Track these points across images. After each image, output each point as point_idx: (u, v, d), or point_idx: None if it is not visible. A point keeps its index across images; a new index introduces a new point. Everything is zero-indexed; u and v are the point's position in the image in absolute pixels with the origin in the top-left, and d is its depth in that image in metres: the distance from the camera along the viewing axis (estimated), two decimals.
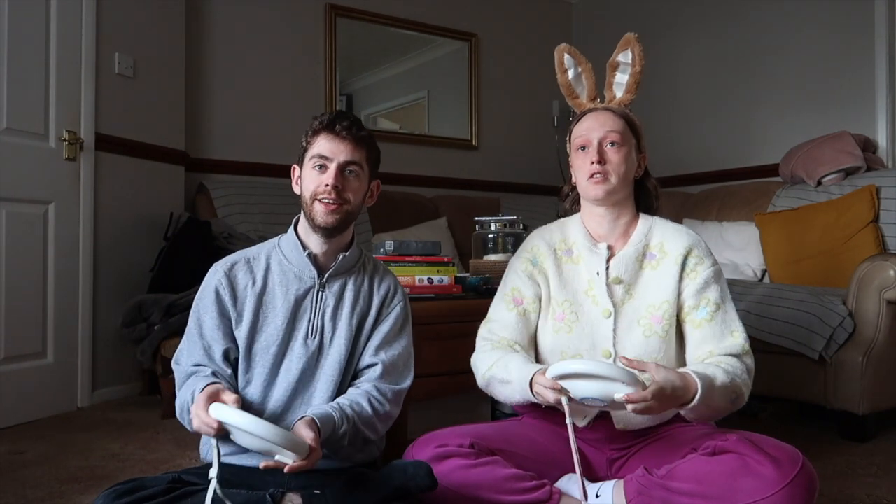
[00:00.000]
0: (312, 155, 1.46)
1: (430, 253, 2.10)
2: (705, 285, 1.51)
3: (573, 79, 1.64)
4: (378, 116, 4.27)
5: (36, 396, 2.62)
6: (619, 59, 1.60)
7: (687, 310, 1.52)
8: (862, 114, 3.33)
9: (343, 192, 1.44)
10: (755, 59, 3.77)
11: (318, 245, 1.49)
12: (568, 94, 1.65)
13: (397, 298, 1.57)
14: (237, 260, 1.52)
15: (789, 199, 3.19)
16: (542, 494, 1.41)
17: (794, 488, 1.28)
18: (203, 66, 3.57)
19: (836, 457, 2.13)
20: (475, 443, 1.45)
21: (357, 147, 1.46)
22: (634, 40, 1.58)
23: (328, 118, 1.46)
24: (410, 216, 3.78)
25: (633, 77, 1.59)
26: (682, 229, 1.58)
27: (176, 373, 1.48)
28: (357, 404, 1.43)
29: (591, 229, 1.60)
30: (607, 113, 1.57)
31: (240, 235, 3.05)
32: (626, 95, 1.60)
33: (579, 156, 1.56)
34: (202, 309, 1.48)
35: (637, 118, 1.60)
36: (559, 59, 1.65)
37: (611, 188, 1.52)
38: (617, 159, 1.52)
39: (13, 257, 2.55)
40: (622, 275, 1.54)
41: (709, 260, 1.55)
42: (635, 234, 1.57)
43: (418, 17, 4.22)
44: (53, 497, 1.79)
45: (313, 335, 1.48)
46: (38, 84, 2.66)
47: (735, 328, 1.51)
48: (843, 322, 2.31)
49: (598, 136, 1.53)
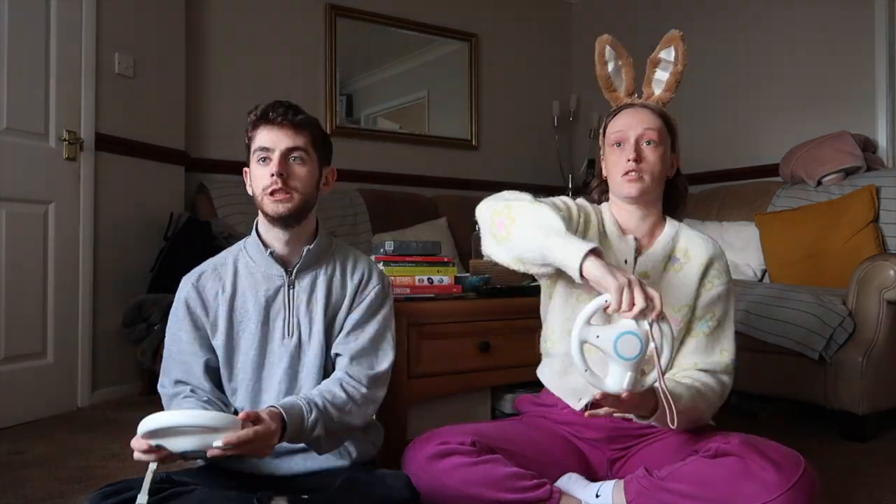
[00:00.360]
0: (255, 149, 1.42)
1: (430, 253, 2.10)
2: (717, 299, 1.52)
3: (612, 72, 1.59)
4: (378, 116, 4.27)
5: (36, 396, 2.62)
6: (661, 55, 1.56)
7: (693, 318, 1.53)
8: (862, 114, 3.33)
9: (290, 180, 1.40)
10: (755, 59, 3.77)
11: (279, 241, 1.45)
12: (606, 86, 1.60)
13: (371, 283, 1.52)
14: (204, 270, 1.49)
15: (789, 199, 3.19)
16: (543, 493, 1.41)
17: (795, 493, 1.28)
18: (203, 66, 3.57)
19: (836, 457, 2.13)
20: (476, 441, 1.44)
21: (297, 132, 1.41)
22: (679, 38, 1.54)
23: (262, 108, 1.42)
24: (410, 216, 3.78)
25: (674, 76, 1.55)
26: (706, 238, 1.58)
27: (161, 397, 1.45)
28: (328, 392, 1.39)
29: (620, 221, 1.57)
30: (645, 110, 1.53)
31: (240, 235, 3.04)
32: (666, 94, 1.56)
33: (614, 151, 1.52)
34: (175, 325, 1.46)
35: (674, 117, 1.57)
36: (600, 51, 1.59)
37: (644, 187, 1.49)
38: (654, 158, 1.50)
39: (13, 257, 2.55)
40: (650, 271, 1.53)
41: (726, 276, 1.55)
42: (662, 236, 1.56)
43: (418, 17, 4.22)
44: (53, 497, 1.79)
45: (290, 333, 1.45)
46: (38, 84, 2.66)
47: (726, 346, 1.52)
48: (843, 322, 2.31)
49: (636, 134, 1.50)
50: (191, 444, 1.18)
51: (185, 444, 1.18)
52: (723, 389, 1.51)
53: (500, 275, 2.18)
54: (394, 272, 2.00)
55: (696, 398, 1.43)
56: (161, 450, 1.19)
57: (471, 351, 2.03)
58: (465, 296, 2.13)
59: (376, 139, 4.13)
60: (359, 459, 1.48)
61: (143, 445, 1.19)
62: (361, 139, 4.05)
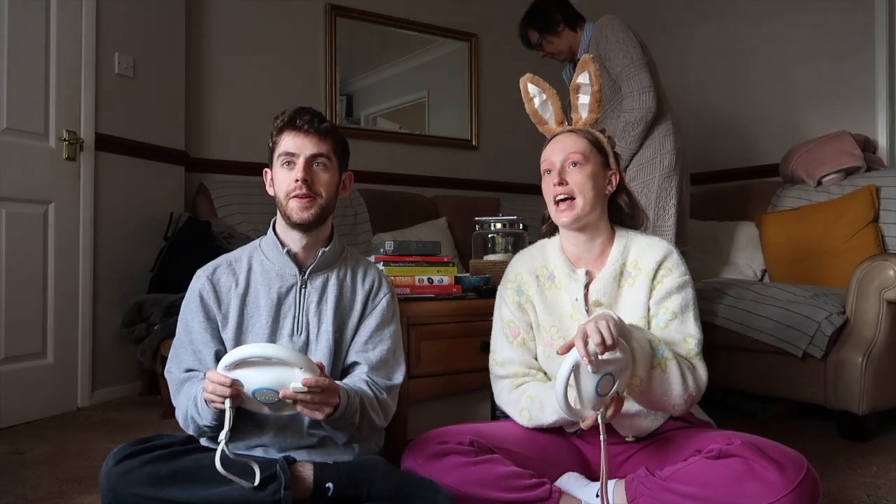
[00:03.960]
0: (279, 154, 1.48)
1: (430, 253, 2.10)
2: (667, 295, 1.53)
3: (539, 106, 1.68)
4: (378, 116, 4.27)
5: (36, 396, 2.62)
6: (580, 80, 1.64)
7: (648, 317, 1.54)
8: (862, 114, 3.32)
9: (313, 186, 1.46)
10: (755, 59, 3.77)
11: (296, 242, 1.50)
12: (537, 121, 1.69)
13: (382, 292, 1.57)
14: (219, 264, 1.53)
15: (789, 199, 3.19)
16: (542, 493, 1.41)
17: (798, 494, 1.28)
18: (203, 66, 3.57)
19: (836, 457, 2.13)
20: (475, 440, 1.45)
21: (322, 139, 1.47)
22: (590, 61, 1.63)
23: (289, 115, 1.48)
24: (410, 216, 3.78)
25: (593, 96, 1.62)
26: (654, 243, 1.59)
27: (169, 382, 1.49)
28: (359, 388, 1.44)
29: (569, 252, 1.61)
30: (570, 135, 1.60)
31: (240, 235, 3.05)
32: (591, 115, 1.63)
33: (545, 180, 1.59)
34: (189, 315, 1.49)
35: (603, 136, 1.62)
36: (524, 89, 1.69)
37: (577, 213, 1.53)
38: (580, 178, 1.54)
39: (13, 257, 2.55)
40: (601, 297, 1.55)
41: (677, 271, 1.55)
42: (611, 255, 1.58)
43: (418, 17, 4.22)
44: (53, 497, 1.79)
45: (299, 331, 1.49)
46: (38, 84, 2.66)
47: (689, 333, 1.51)
48: (831, 317, 2.30)
49: (560, 159, 1.56)
50: (268, 380, 1.24)
51: (263, 379, 1.24)
52: (694, 370, 1.47)
53: (500, 275, 2.18)
54: (394, 272, 2.00)
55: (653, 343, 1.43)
56: (236, 386, 1.25)
57: (471, 351, 2.03)
58: (465, 296, 2.13)
59: (376, 139, 4.13)
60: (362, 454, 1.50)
61: (223, 378, 1.25)
62: (361, 139, 4.04)
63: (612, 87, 2.64)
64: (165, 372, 1.50)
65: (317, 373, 1.26)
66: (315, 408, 1.29)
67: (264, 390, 1.25)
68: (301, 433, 1.45)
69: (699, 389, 1.47)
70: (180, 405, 1.44)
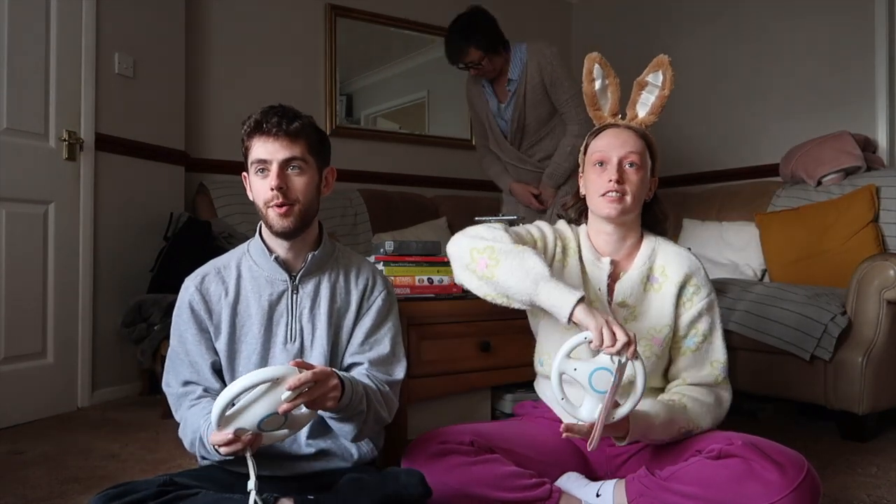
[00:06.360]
0: (252, 161, 1.41)
1: (430, 253, 2.10)
2: (698, 316, 1.54)
3: (599, 90, 1.60)
4: (378, 116, 4.27)
5: (36, 396, 2.62)
6: (649, 79, 1.57)
7: (677, 336, 1.55)
8: (862, 114, 3.33)
9: (290, 193, 1.38)
10: (756, 59, 3.77)
11: (283, 248, 1.45)
12: (591, 104, 1.60)
13: (377, 289, 1.51)
14: (207, 272, 1.48)
15: (789, 199, 3.19)
16: (543, 492, 1.41)
17: (798, 494, 1.29)
18: (203, 66, 3.57)
19: (836, 457, 2.13)
20: (475, 440, 1.45)
21: (293, 141, 1.38)
22: (667, 63, 1.55)
23: (255, 119, 1.38)
24: (410, 216, 3.78)
25: (659, 99, 1.56)
26: (683, 254, 1.58)
27: (168, 396, 1.45)
28: (362, 382, 1.41)
29: (597, 244, 1.58)
30: (629, 132, 1.54)
31: (240, 235, 3.05)
32: (650, 117, 1.57)
33: (595, 171, 1.53)
34: (181, 326, 1.45)
35: (655, 141, 1.57)
36: (588, 68, 1.60)
37: (625, 208, 1.51)
38: (635, 180, 1.51)
39: (13, 257, 2.55)
40: (628, 298, 1.55)
41: (705, 289, 1.55)
42: (639, 257, 1.56)
43: (418, 17, 4.21)
44: (53, 497, 1.79)
45: (292, 339, 1.44)
46: (38, 84, 2.66)
47: (716, 358, 1.54)
48: (835, 318, 2.30)
49: (619, 155, 1.51)
50: (263, 409, 1.19)
51: (258, 411, 1.19)
52: (718, 399, 1.53)
53: None
54: (394, 272, 2.00)
55: (674, 412, 1.45)
56: (242, 434, 1.20)
57: (471, 351, 2.03)
58: (464, 296, 2.13)
59: (376, 139, 4.13)
60: (360, 460, 1.48)
61: (225, 437, 1.20)
62: (361, 139, 4.05)
63: (550, 111, 2.99)
64: (163, 385, 1.46)
65: (294, 372, 1.21)
66: (321, 400, 1.26)
67: (266, 419, 1.21)
68: (299, 445, 1.43)
69: (723, 415, 1.53)
70: (185, 433, 1.40)
